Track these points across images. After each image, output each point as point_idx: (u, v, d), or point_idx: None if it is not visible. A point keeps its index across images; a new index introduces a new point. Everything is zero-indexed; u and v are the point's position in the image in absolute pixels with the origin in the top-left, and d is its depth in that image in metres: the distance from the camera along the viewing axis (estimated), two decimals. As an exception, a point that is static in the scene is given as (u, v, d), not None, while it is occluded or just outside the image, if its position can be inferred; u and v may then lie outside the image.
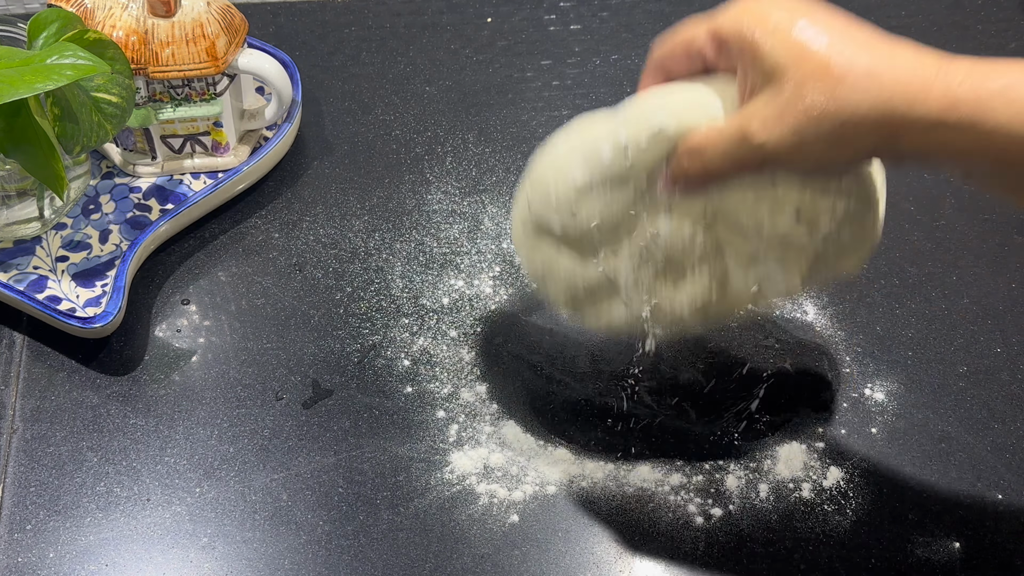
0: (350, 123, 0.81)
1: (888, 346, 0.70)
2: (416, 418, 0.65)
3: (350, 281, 0.71)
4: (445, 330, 0.69)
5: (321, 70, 0.84)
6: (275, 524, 0.60)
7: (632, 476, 0.63)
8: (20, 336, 0.67)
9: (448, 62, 0.86)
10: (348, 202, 0.76)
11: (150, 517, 0.60)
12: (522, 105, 0.83)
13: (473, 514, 0.61)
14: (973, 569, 0.60)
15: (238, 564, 0.59)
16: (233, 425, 0.64)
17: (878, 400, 0.67)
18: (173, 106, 0.70)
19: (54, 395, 0.65)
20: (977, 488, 0.64)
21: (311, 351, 0.67)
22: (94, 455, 0.62)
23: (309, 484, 0.62)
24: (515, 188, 0.77)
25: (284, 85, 0.72)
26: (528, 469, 0.63)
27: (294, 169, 0.77)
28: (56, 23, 0.62)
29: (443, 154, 0.79)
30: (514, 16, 0.89)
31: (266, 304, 0.70)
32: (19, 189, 0.66)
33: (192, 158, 0.74)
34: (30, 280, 0.67)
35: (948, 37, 0.90)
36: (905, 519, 0.62)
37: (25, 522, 0.59)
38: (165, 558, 0.59)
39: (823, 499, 0.63)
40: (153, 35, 0.67)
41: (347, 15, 0.88)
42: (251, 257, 0.72)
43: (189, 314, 0.69)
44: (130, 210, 0.72)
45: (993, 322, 0.71)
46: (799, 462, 0.64)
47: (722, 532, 0.61)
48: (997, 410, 0.67)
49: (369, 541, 0.60)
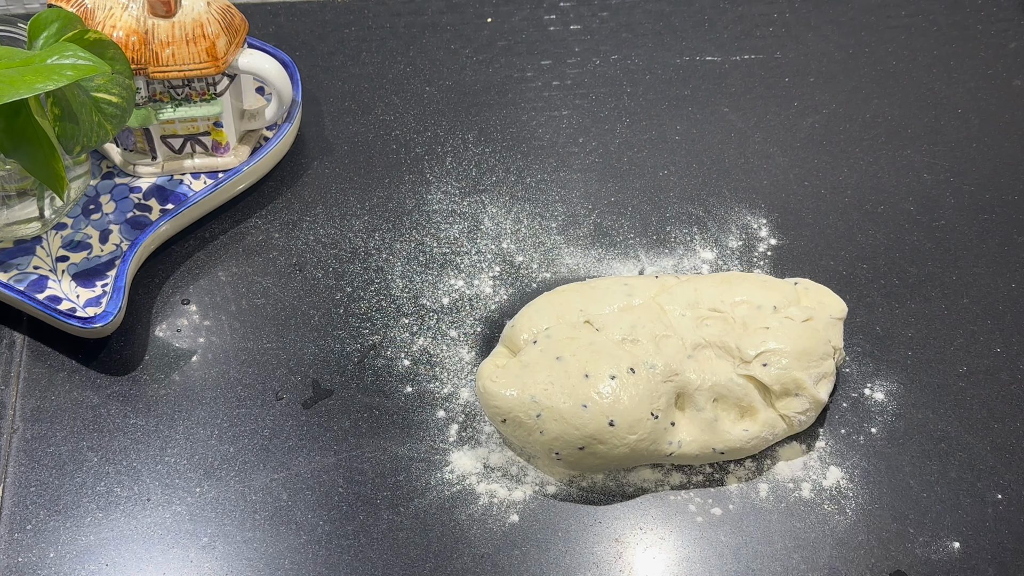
0: (350, 123, 0.81)
1: (888, 346, 0.70)
2: (416, 418, 0.65)
3: (350, 281, 0.71)
4: (445, 330, 0.69)
5: (321, 70, 0.84)
6: (275, 524, 0.60)
7: (632, 476, 0.63)
8: (20, 336, 0.67)
9: (448, 62, 0.86)
10: (348, 202, 0.76)
11: (150, 517, 0.60)
12: (522, 105, 0.83)
13: (473, 514, 0.61)
14: (973, 569, 0.60)
15: (238, 564, 0.59)
16: (233, 425, 0.64)
17: (878, 400, 0.67)
18: (173, 106, 0.70)
19: (54, 395, 0.65)
20: (977, 488, 0.64)
21: (311, 351, 0.68)
22: (94, 455, 0.62)
23: (309, 484, 0.62)
24: (515, 188, 0.77)
25: (284, 85, 0.72)
26: (528, 469, 0.63)
27: (294, 169, 0.77)
28: (56, 23, 0.62)
29: (443, 154, 0.79)
30: (514, 16, 0.89)
31: (266, 304, 0.70)
32: (19, 189, 0.66)
33: (192, 158, 0.74)
34: (30, 280, 0.67)
35: (948, 37, 0.90)
36: (905, 519, 0.62)
37: (25, 522, 0.59)
38: (165, 558, 0.59)
39: (823, 499, 0.63)
40: (153, 35, 0.67)
41: (347, 15, 0.88)
42: (251, 257, 0.72)
43: (189, 314, 0.69)
44: (130, 210, 0.72)
45: (993, 322, 0.71)
46: (799, 462, 0.64)
47: (722, 532, 0.61)
48: (997, 410, 0.67)
49: (369, 541, 0.60)
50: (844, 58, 0.88)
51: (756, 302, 0.64)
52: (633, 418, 0.59)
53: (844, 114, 0.84)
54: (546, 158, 0.79)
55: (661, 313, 0.63)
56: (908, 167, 0.80)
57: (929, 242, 0.76)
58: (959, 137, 0.82)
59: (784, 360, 0.61)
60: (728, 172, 0.79)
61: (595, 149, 0.80)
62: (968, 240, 0.76)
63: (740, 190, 0.78)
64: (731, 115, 0.83)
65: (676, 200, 0.77)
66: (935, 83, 0.86)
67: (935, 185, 0.79)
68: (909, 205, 0.78)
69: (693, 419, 0.61)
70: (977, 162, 0.81)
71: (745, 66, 0.86)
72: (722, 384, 0.61)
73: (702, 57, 0.86)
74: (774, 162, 0.80)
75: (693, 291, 0.64)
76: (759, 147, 0.81)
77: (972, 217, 0.77)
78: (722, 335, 0.62)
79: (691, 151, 0.80)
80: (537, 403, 0.59)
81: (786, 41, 0.88)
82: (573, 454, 0.60)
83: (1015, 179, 0.80)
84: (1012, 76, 0.87)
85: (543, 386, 0.60)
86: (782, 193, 0.78)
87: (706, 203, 0.77)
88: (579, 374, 0.60)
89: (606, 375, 0.59)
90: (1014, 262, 0.75)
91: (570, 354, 0.61)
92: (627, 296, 0.64)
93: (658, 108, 0.83)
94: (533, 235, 0.74)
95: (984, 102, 0.85)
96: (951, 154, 0.81)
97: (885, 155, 0.81)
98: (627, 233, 0.75)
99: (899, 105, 0.85)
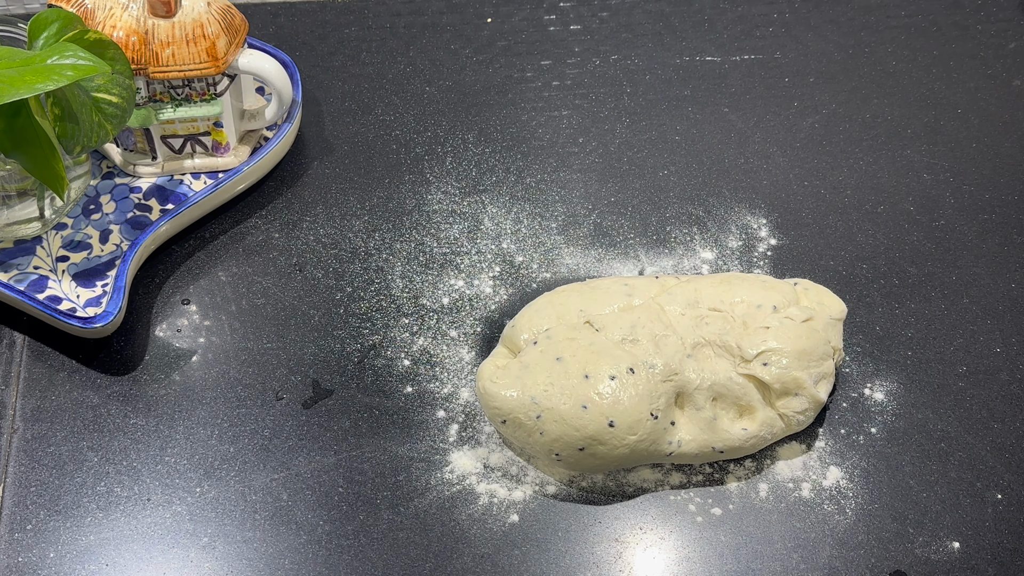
0: (350, 123, 0.81)
1: (888, 346, 0.70)
2: (416, 418, 0.65)
3: (350, 281, 0.71)
4: (445, 330, 0.69)
5: (321, 70, 0.84)
6: (275, 524, 0.60)
7: (632, 476, 0.63)
8: (20, 336, 0.67)
9: (448, 62, 0.86)
10: (348, 202, 0.76)
11: (150, 517, 0.60)
12: (522, 105, 0.83)
13: (473, 514, 0.61)
14: (973, 569, 0.60)
15: (238, 564, 0.59)
16: (233, 425, 0.64)
17: (878, 400, 0.67)
18: (173, 106, 0.70)
19: (54, 395, 0.65)
20: (977, 488, 0.64)
21: (311, 351, 0.68)
22: (94, 455, 0.62)
23: (309, 484, 0.62)
24: (515, 188, 0.77)
25: (284, 85, 0.72)
26: (528, 469, 0.63)
27: (294, 169, 0.77)
28: (56, 23, 0.62)
29: (443, 154, 0.79)
30: (514, 16, 0.89)
31: (266, 304, 0.70)
32: (19, 189, 0.66)
33: (192, 158, 0.74)
34: (30, 280, 0.67)
35: (948, 37, 0.90)
36: (905, 519, 0.62)
37: (25, 522, 0.60)
38: (165, 558, 0.59)
39: (823, 499, 0.63)
40: (153, 35, 0.67)
41: (347, 15, 0.88)
42: (251, 257, 0.72)
43: (189, 314, 0.69)
44: (130, 210, 0.72)
45: (993, 322, 0.71)
46: (799, 462, 0.64)
47: (722, 532, 0.61)
48: (997, 410, 0.67)
49: (369, 541, 0.60)
50: (844, 58, 0.88)
51: (756, 302, 0.64)
52: (633, 419, 0.59)
53: (844, 114, 0.84)
54: (546, 158, 0.79)
55: (661, 313, 0.63)
56: (908, 167, 0.80)
57: (929, 242, 0.76)
58: (959, 137, 0.82)
59: (784, 360, 0.61)
60: (728, 172, 0.79)
61: (595, 149, 0.80)
62: (968, 240, 0.76)
63: (740, 190, 0.78)
64: (731, 115, 0.83)
65: (676, 200, 0.77)
66: (935, 83, 0.86)
67: (935, 185, 0.79)
68: (909, 205, 0.78)
69: (692, 418, 0.61)
70: (977, 162, 0.81)
71: (745, 66, 0.86)
72: (721, 383, 0.61)
73: (702, 57, 0.86)
74: (774, 162, 0.80)
75: (693, 291, 0.64)
76: (759, 147, 0.81)
77: (972, 217, 0.77)
78: (722, 334, 0.62)
79: (691, 151, 0.80)
80: (537, 404, 0.59)
81: (786, 41, 0.88)
82: (573, 455, 0.60)
83: (1015, 179, 0.80)
84: (1012, 76, 0.87)
85: (543, 387, 0.60)
86: (782, 193, 0.78)
87: (706, 203, 0.77)
88: (579, 375, 0.60)
89: (606, 376, 0.59)
90: (1014, 262, 0.75)
91: (570, 355, 0.61)
92: (627, 296, 0.64)
93: (658, 108, 0.83)
94: (533, 235, 0.74)
95: (984, 102, 0.85)
96: (951, 154, 0.81)
97: (885, 155, 0.81)
98: (627, 233, 0.75)
99: (899, 105, 0.85)
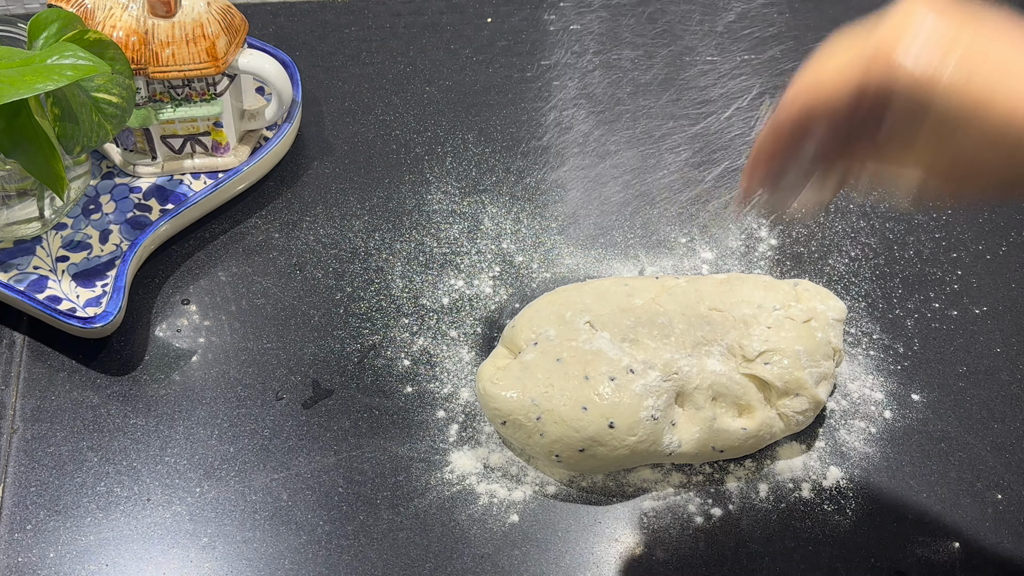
0: (350, 123, 0.81)
1: (888, 346, 0.70)
2: (416, 418, 0.65)
3: (350, 281, 0.71)
4: (445, 330, 0.69)
5: (321, 70, 0.84)
6: (275, 524, 0.60)
7: (632, 476, 0.63)
8: (20, 336, 0.67)
9: (448, 62, 0.86)
10: (348, 202, 0.76)
11: (150, 517, 0.60)
12: (522, 105, 0.83)
13: (473, 514, 0.61)
14: (973, 569, 0.60)
15: (238, 564, 0.59)
16: (233, 425, 0.64)
17: (878, 400, 0.67)
18: (173, 106, 0.70)
19: (54, 395, 0.65)
20: (977, 488, 0.64)
21: (311, 351, 0.68)
22: (94, 455, 0.62)
23: (309, 484, 0.62)
24: (515, 188, 0.77)
25: (284, 85, 0.72)
26: (528, 469, 0.63)
27: (294, 169, 0.77)
28: (56, 23, 0.62)
29: (443, 154, 0.79)
30: (514, 16, 0.89)
31: (266, 304, 0.70)
32: (19, 189, 0.66)
33: (192, 158, 0.74)
34: (30, 280, 0.67)
35: (948, 37, 0.89)
36: (905, 519, 0.62)
37: (25, 522, 0.59)
38: (165, 558, 0.59)
39: (823, 499, 0.63)
40: (153, 35, 0.67)
41: (347, 15, 0.88)
42: (251, 257, 0.72)
43: (189, 314, 0.69)
44: (130, 210, 0.72)
45: (993, 322, 0.71)
46: (799, 462, 0.64)
47: (722, 532, 0.61)
48: (997, 410, 0.67)
49: (369, 541, 0.60)
50: (844, 58, 0.87)
51: (756, 302, 0.64)
52: (633, 420, 0.59)
53: (844, 114, 0.83)
54: (546, 158, 0.79)
55: (661, 313, 0.63)
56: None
57: (929, 242, 0.76)
58: (959, 137, 0.82)
59: (786, 360, 0.61)
60: (728, 172, 0.79)
61: (595, 149, 0.80)
62: (968, 240, 0.76)
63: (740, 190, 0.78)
64: (731, 115, 0.83)
65: (676, 200, 0.77)
66: (935, 83, 0.86)
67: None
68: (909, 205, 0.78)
69: (692, 417, 0.61)
70: (977, 162, 0.81)
71: (745, 66, 0.86)
72: (721, 383, 0.61)
73: (702, 57, 0.86)
74: (774, 162, 0.80)
75: (694, 291, 0.64)
76: (759, 147, 0.81)
77: (972, 217, 0.77)
78: (723, 334, 0.62)
79: (691, 151, 0.80)
80: (537, 406, 0.59)
81: (786, 41, 0.88)
82: (573, 456, 0.60)
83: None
84: (1012, 76, 0.87)
85: (543, 388, 0.60)
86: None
87: (706, 203, 0.77)
88: (579, 376, 0.60)
89: (606, 376, 0.59)
90: (1014, 262, 0.75)
91: (570, 355, 0.61)
92: (627, 296, 0.64)
93: (658, 108, 0.83)
94: (533, 235, 0.74)
95: (984, 102, 0.85)
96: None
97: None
98: (627, 233, 0.75)
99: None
